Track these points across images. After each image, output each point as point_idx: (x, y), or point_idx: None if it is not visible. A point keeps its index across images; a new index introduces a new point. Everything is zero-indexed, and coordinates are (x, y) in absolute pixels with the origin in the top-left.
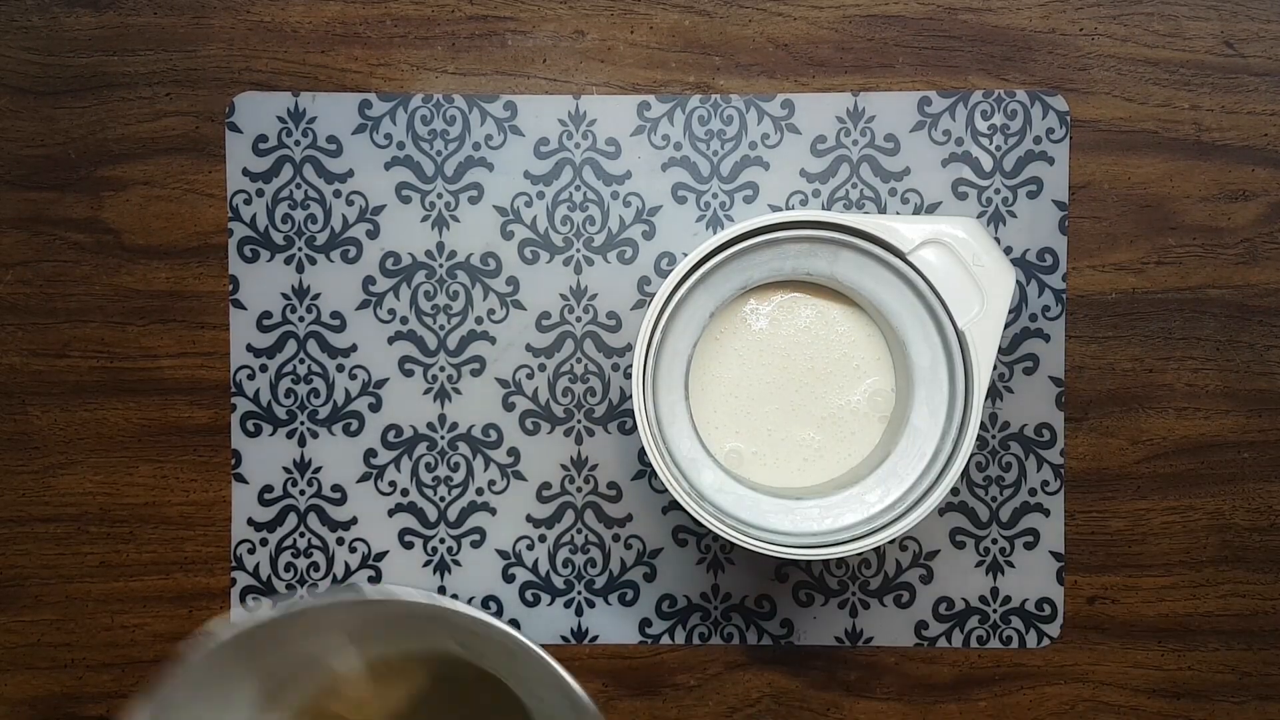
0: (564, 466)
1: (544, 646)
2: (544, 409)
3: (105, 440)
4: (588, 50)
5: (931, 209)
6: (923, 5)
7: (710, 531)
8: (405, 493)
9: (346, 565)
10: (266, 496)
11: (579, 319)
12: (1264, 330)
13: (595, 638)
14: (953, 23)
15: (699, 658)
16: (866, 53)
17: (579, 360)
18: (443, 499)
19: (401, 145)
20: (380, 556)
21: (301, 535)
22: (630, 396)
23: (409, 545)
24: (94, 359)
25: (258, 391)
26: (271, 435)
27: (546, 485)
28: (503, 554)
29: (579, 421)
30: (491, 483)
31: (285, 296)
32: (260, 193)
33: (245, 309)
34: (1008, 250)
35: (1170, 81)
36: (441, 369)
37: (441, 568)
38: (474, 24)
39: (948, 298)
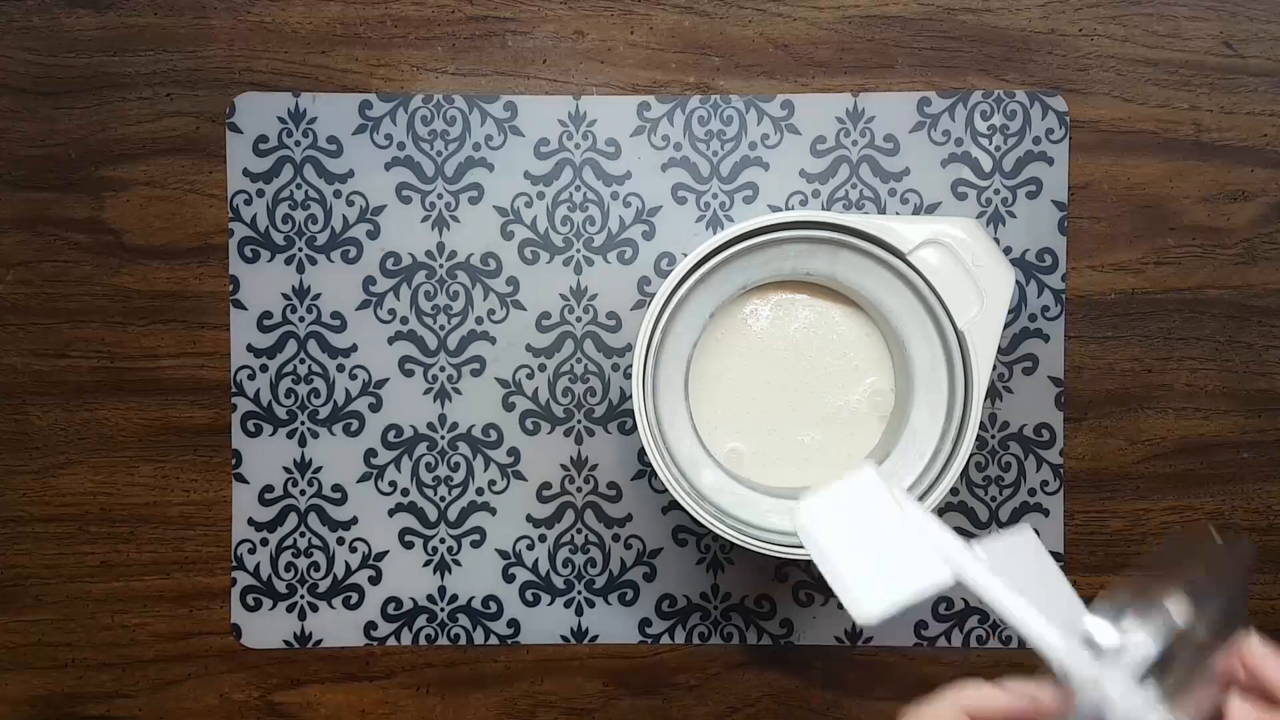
0: (564, 466)
1: (543, 646)
2: (544, 409)
3: (105, 440)
4: (588, 51)
5: (931, 209)
6: (922, 6)
7: (710, 531)
8: (405, 493)
9: (347, 565)
10: (267, 496)
11: (579, 319)
12: (1263, 330)
13: (595, 637)
14: (952, 23)
15: (699, 657)
16: (866, 53)
17: (579, 360)
18: (443, 499)
19: (402, 145)
20: (380, 556)
21: (302, 535)
22: (630, 396)
23: (409, 545)
24: (94, 359)
25: (258, 391)
26: (272, 435)
27: (546, 485)
28: (503, 554)
29: (579, 421)
30: (491, 483)
31: (285, 296)
32: (261, 193)
33: (246, 309)
34: (1007, 250)
35: (1169, 82)
36: (441, 369)
37: (441, 567)
38: (474, 24)
39: (947, 298)
